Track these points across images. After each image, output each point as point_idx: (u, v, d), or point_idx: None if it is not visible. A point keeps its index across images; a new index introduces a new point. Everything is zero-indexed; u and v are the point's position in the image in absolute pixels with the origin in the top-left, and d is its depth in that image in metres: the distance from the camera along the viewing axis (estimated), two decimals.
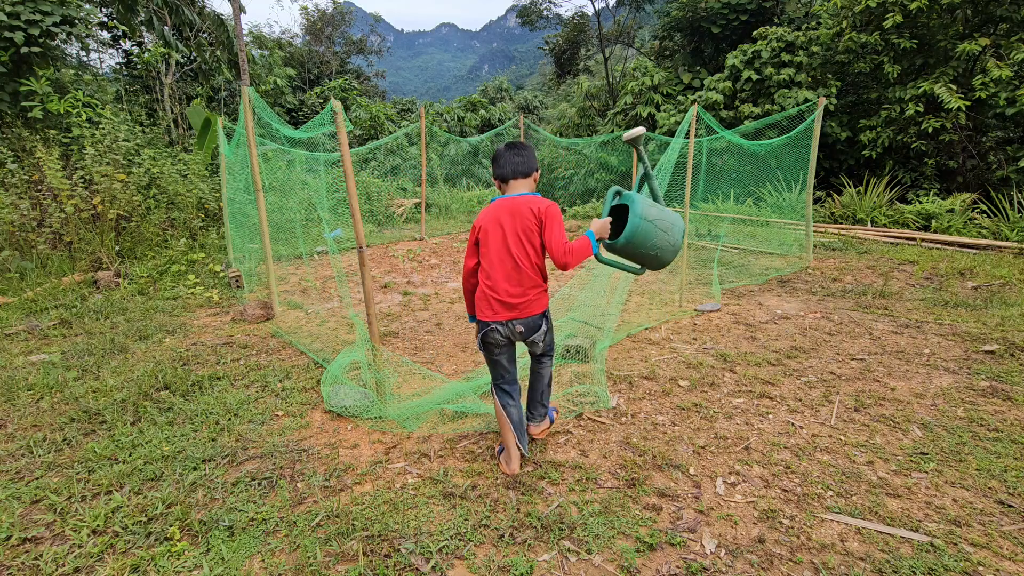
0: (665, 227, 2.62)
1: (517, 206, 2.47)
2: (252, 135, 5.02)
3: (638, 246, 2.61)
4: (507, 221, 2.47)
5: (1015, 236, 7.80)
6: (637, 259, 2.71)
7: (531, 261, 2.48)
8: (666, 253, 2.66)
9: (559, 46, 25.51)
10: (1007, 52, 9.86)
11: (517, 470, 2.65)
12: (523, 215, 2.45)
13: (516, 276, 2.48)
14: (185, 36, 15.89)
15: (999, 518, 2.29)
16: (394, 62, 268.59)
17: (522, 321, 2.53)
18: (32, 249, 6.84)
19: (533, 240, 2.47)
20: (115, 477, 2.59)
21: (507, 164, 2.56)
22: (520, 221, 2.46)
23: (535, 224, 2.45)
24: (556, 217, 2.44)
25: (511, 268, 2.48)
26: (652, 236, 2.59)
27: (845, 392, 3.50)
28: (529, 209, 2.45)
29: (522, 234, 2.45)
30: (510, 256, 2.47)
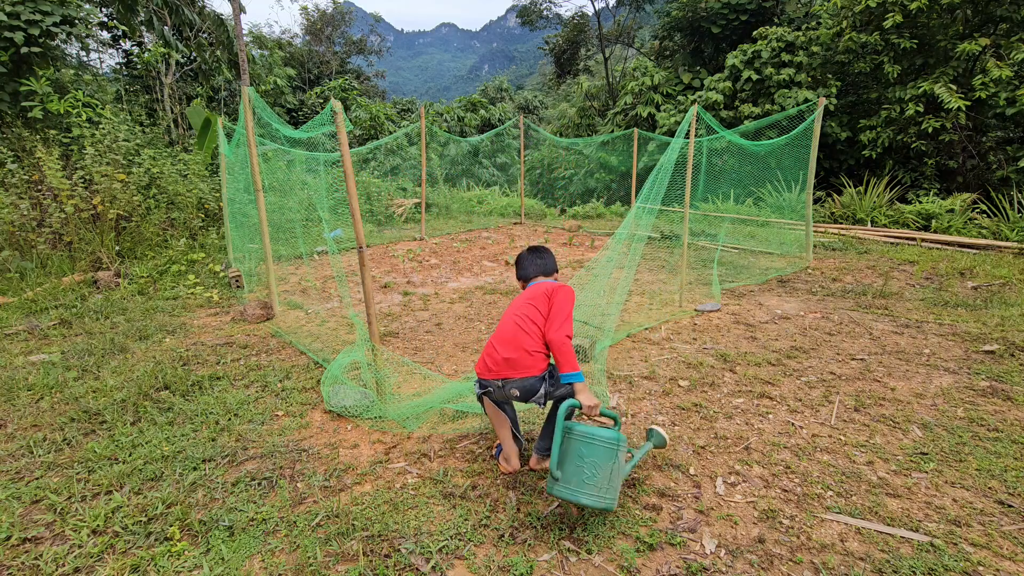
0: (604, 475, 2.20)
1: (534, 288, 2.70)
2: (252, 135, 5.02)
3: (582, 456, 2.22)
4: (520, 298, 2.68)
5: (1015, 236, 7.81)
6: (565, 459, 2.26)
7: (532, 324, 2.52)
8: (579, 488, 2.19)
9: (559, 46, 25.51)
10: (1007, 52, 9.87)
11: (519, 466, 2.63)
12: (537, 292, 2.65)
13: (514, 338, 2.50)
14: (185, 36, 15.89)
15: (999, 518, 2.29)
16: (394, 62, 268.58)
17: (516, 383, 2.46)
18: (32, 249, 6.84)
19: (540, 306, 2.58)
20: (115, 477, 2.59)
21: (530, 266, 2.84)
22: (531, 294, 2.65)
23: (545, 296, 2.60)
24: (568, 298, 2.58)
25: (511, 329, 2.53)
26: (601, 463, 2.21)
27: (845, 392, 3.50)
28: (544, 289, 2.65)
29: (530, 301, 2.60)
30: (512, 321, 2.56)
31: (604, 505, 2.17)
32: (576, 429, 2.27)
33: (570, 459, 2.23)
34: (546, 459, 2.65)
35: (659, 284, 6.53)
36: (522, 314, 2.56)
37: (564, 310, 2.52)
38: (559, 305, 2.54)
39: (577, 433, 2.25)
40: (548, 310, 2.56)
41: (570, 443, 2.26)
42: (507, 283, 6.65)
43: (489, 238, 10.13)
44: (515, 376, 2.47)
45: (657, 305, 5.60)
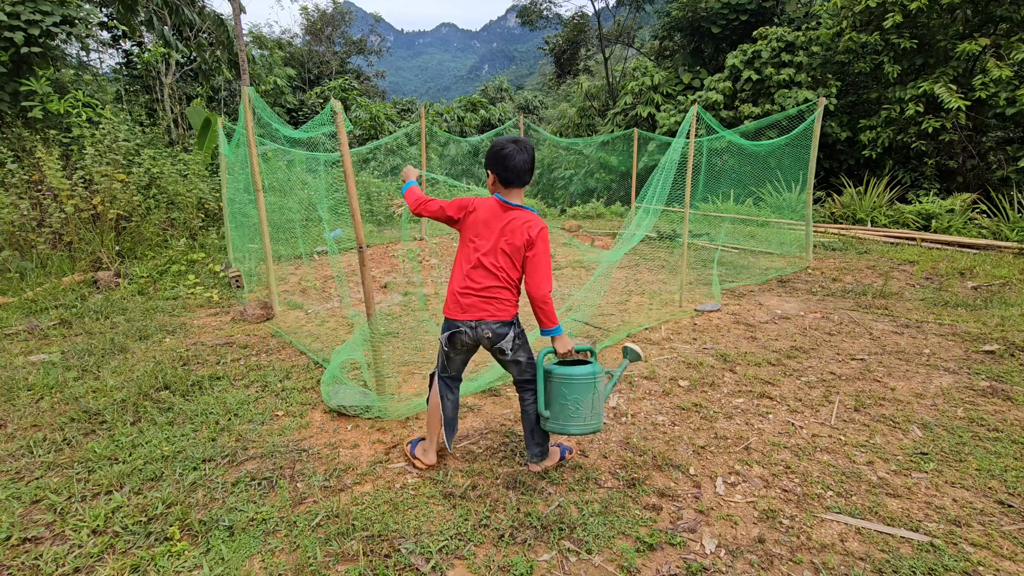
0: (585, 406, 2.44)
1: (513, 222, 2.41)
2: (252, 135, 5.02)
3: (565, 396, 2.43)
4: (496, 228, 2.42)
5: (1015, 236, 7.81)
6: (550, 398, 2.48)
7: (505, 268, 2.42)
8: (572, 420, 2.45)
9: (559, 46, 25.52)
10: (1007, 52, 9.87)
11: (434, 461, 2.66)
12: (516, 231, 2.39)
13: (490, 275, 2.42)
14: (185, 36, 15.89)
15: (999, 518, 2.29)
16: (394, 62, 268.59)
17: (490, 325, 2.43)
18: (32, 249, 6.84)
19: (516, 252, 2.40)
20: (115, 477, 2.59)
21: (518, 171, 2.42)
22: (510, 230, 2.40)
23: (525, 243, 2.39)
24: (548, 243, 2.41)
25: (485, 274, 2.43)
26: (582, 399, 2.43)
27: (845, 392, 3.50)
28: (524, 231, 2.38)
29: (510, 242, 2.40)
30: (490, 259, 2.42)
31: (591, 430, 2.48)
32: (555, 372, 2.44)
33: (555, 400, 2.45)
34: (541, 463, 2.66)
35: (659, 284, 6.53)
36: (500, 250, 2.39)
37: (547, 259, 2.38)
38: (542, 254, 2.37)
39: (557, 376, 2.44)
40: (528, 257, 2.37)
41: (552, 385, 2.45)
42: None
43: None
44: (489, 318, 2.42)
45: (657, 305, 5.60)
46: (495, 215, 2.43)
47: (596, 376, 2.43)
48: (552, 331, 2.41)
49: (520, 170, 2.42)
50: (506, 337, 2.46)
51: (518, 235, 2.38)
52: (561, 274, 7.16)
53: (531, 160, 2.45)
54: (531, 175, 2.48)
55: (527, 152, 2.43)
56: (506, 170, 2.41)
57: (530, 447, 2.65)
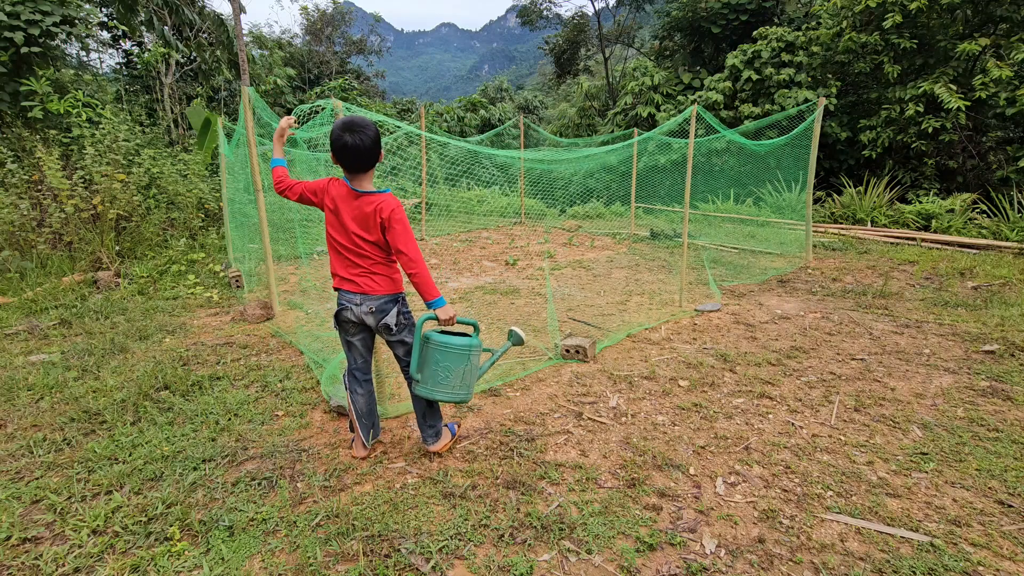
0: (456, 377, 2.52)
1: (362, 209, 2.37)
2: (252, 135, 5.02)
3: (438, 361, 2.50)
4: (346, 217, 2.41)
5: (1015, 236, 7.81)
6: (424, 364, 2.54)
7: (369, 252, 2.43)
8: (442, 386, 2.53)
9: (559, 46, 25.52)
10: (1007, 52, 9.87)
11: (363, 454, 2.77)
12: (367, 217, 2.38)
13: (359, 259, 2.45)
14: (185, 36, 15.88)
15: (999, 518, 2.29)
16: (394, 62, 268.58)
17: (374, 300, 2.47)
18: (32, 249, 6.84)
19: (373, 235, 2.41)
20: (115, 477, 2.59)
21: (349, 157, 2.32)
22: (359, 215, 2.39)
23: (378, 227, 2.38)
24: (405, 221, 2.37)
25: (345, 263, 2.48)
26: (453, 368, 2.50)
27: (845, 392, 3.50)
28: (376, 216, 2.36)
29: (362, 229, 2.41)
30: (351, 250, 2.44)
31: (458, 399, 2.57)
32: (433, 338, 2.51)
33: (428, 364, 2.51)
34: (436, 443, 2.75)
35: (659, 284, 6.53)
36: (358, 239, 2.39)
37: (407, 237, 2.35)
38: (400, 234, 2.35)
39: (434, 341, 2.50)
40: (389, 240, 2.38)
41: (427, 350, 2.52)
42: (507, 283, 6.65)
43: (489, 238, 10.13)
44: (372, 292, 2.47)
45: (657, 305, 5.60)
46: (346, 202, 2.40)
47: (471, 349, 2.52)
48: (436, 303, 2.44)
49: (348, 155, 2.30)
50: (389, 314, 2.53)
51: (371, 221, 2.37)
52: (561, 274, 7.16)
53: (359, 144, 2.28)
54: (366, 159, 2.33)
55: (357, 135, 2.28)
56: (338, 155, 2.34)
57: (424, 429, 2.75)
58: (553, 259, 8.19)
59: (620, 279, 6.82)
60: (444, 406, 3.17)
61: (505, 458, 2.77)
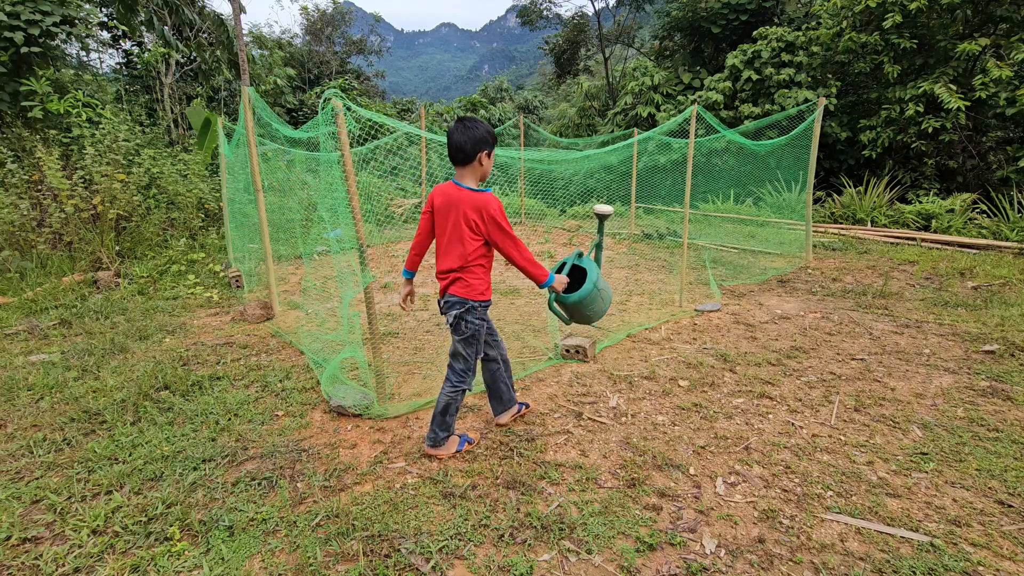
0: (606, 297, 2.99)
1: (459, 196, 2.53)
2: (252, 135, 5.02)
3: (584, 307, 2.91)
4: (449, 206, 2.57)
5: (1015, 236, 7.80)
6: (574, 315, 3.00)
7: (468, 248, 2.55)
8: (597, 316, 3.02)
9: (559, 46, 25.51)
10: (1007, 52, 9.87)
11: (439, 452, 2.82)
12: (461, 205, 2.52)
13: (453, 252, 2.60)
14: (185, 36, 15.88)
15: (999, 518, 2.29)
16: (394, 62, 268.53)
17: (442, 302, 2.69)
18: (32, 249, 6.84)
19: (476, 231, 2.54)
20: (115, 477, 2.59)
21: (449, 146, 2.54)
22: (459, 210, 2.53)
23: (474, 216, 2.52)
24: (502, 214, 2.52)
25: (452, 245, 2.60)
26: (596, 302, 2.93)
27: (845, 392, 3.50)
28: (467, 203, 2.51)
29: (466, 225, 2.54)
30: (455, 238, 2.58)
31: (609, 302, 3.03)
32: (571, 299, 2.88)
33: (580, 312, 2.94)
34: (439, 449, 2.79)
35: (659, 284, 6.52)
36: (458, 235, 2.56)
37: (501, 231, 2.51)
38: (500, 227, 2.51)
39: (573, 300, 2.87)
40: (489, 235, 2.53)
41: (573, 308, 2.93)
42: (507, 283, 6.64)
43: None
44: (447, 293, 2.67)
45: (657, 305, 5.60)
46: (446, 196, 2.57)
47: (595, 278, 2.89)
48: (546, 284, 2.69)
49: (451, 147, 2.52)
50: (452, 313, 2.66)
51: (463, 212, 2.51)
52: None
53: (459, 138, 2.49)
54: (463, 155, 2.51)
55: (460, 131, 2.50)
56: (448, 148, 2.53)
57: (430, 430, 2.79)
58: (553, 259, 8.19)
59: (620, 279, 6.81)
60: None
61: (505, 458, 2.77)
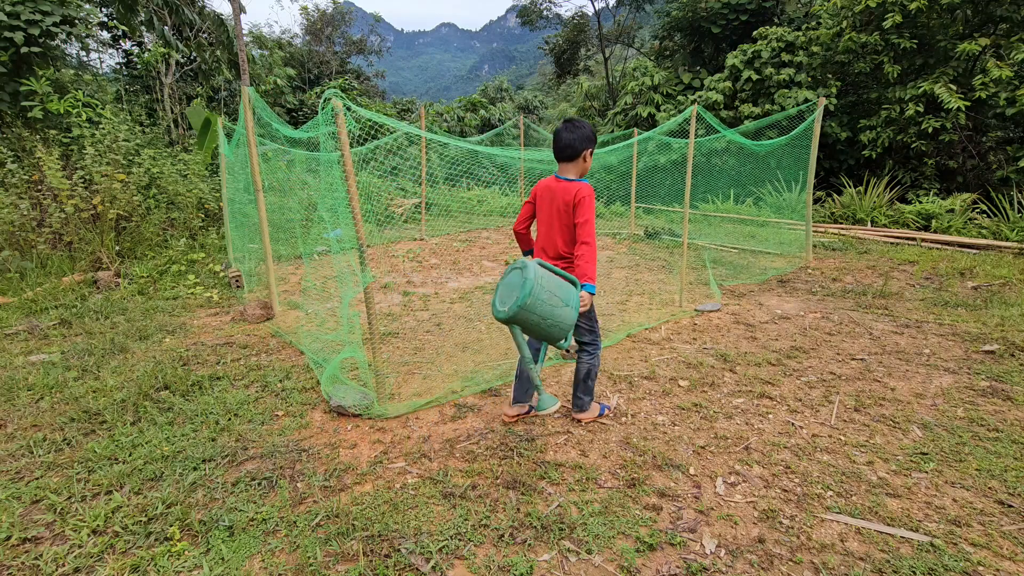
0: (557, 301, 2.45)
1: (558, 188, 2.85)
2: (252, 135, 5.02)
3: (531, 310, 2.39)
4: (550, 199, 2.88)
5: (1015, 236, 7.80)
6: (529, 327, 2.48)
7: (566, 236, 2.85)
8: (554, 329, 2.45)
9: (559, 46, 25.49)
10: (1007, 52, 9.86)
11: (506, 414, 3.11)
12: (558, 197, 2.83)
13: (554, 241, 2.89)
14: (185, 36, 15.87)
15: (999, 518, 2.29)
16: (394, 62, 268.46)
17: None
18: (32, 249, 6.83)
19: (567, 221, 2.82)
20: (115, 477, 2.59)
21: (554, 144, 2.85)
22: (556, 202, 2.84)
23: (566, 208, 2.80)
24: (589, 211, 2.75)
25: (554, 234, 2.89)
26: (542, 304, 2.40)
27: (845, 392, 3.50)
28: (563, 195, 2.80)
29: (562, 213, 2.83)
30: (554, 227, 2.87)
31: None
32: None
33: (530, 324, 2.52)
34: (583, 413, 3.11)
35: (659, 284, 6.52)
36: (554, 220, 2.86)
37: (591, 219, 2.73)
38: (586, 214, 2.73)
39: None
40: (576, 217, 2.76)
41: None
42: None
43: (489, 238, 10.13)
44: None
45: (657, 305, 5.60)
46: (548, 190, 2.90)
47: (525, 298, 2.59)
48: (588, 287, 2.68)
49: (557, 143, 2.84)
50: None
51: (561, 203, 2.81)
52: None
53: (567, 138, 2.80)
54: (572, 150, 2.81)
55: (564, 131, 2.83)
56: (553, 144, 2.87)
57: (574, 398, 3.12)
58: None
59: (620, 279, 6.81)
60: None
61: (505, 458, 2.77)
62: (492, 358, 4.17)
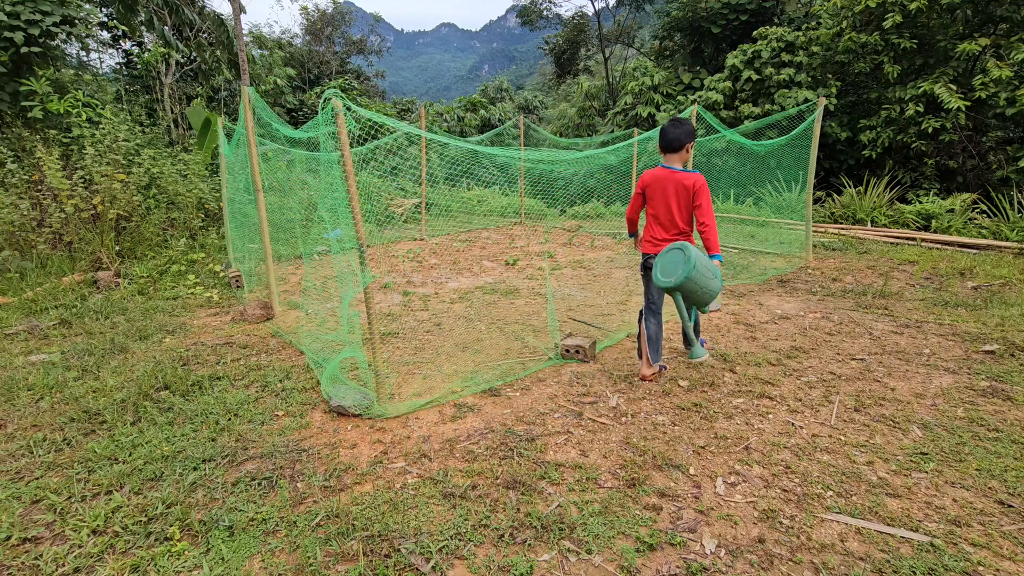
0: (705, 286, 3.18)
1: (670, 182, 3.43)
2: (252, 135, 5.02)
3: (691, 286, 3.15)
4: (662, 186, 3.46)
5: (1015, 236, 7.80)
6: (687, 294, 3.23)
7: (676, 223, 3.47)
8: (706, 295, 3.23)
9: (559, 46, 25.51)
10: (1007, 52, 9.87)
11: (647, 374, 3.65)
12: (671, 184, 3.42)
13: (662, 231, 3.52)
14: (185, 36, 15.88)
15: (999, 518, 2.29)
16: (394, 62, 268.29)
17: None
18: (32, 249, 6.84)
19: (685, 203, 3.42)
20: (115, 477, 2.59)
21: (662, 139, 3.48)
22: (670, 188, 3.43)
23: (686, 193, 3.39)
24: (706, 196, 3.34)
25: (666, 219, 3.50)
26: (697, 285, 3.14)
27: (845, 392, 3.50)
28: (679, 182, 3.41)
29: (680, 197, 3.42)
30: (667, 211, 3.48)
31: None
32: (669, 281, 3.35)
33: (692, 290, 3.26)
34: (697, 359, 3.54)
35: None
36: (668, 205, 3.47)
37: (706, 204, 3.33)
38: (706, 200, 3.35)
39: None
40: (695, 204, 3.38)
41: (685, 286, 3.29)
42: (507, 283, 6.65)
43: (489, 238, 10.13)
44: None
45: None
46: (660, 179, 3.47)
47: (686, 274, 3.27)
48: (717, 256, 3.35)
49: (664, 137, 3.46)
50: None
51: (677, 189, 3.40)
52: (562, 274, 7.16)
53: (674, 132, 3.42)
54: (678, 143, 3.42)
55: (671, 127, 3.45)
56: (660, 138, 3.49)
57: (687, 343, 3.79)
58: (553, 259, 8.19)
59: (620, 279, 6.81)
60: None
61: (505, 458, 2.77)
62: (492, 358, 4.17)
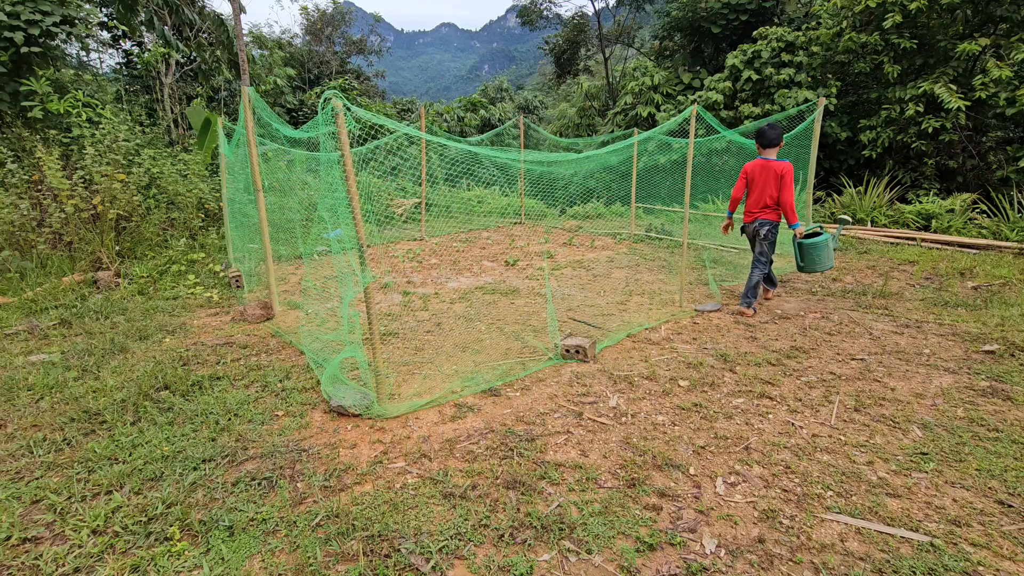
0: (828, 257, 5.13)
1: (768, 168, 5.04)
2: (252, 135, 5.02)
3: (814, 252, 5.14)
4: (762, 172, 5.08)
5: (1015, 236, 7.80)
6: (804, 257, 5.18)
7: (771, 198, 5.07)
8: (819, 267, 5.18)
9: (559, 46, 25.50)
10: (1007, 52, 9.86)
11: (766, 296, 5.67)
12: (769, 171, 5.03)
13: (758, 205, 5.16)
14: (185, 36, 15.88)
15: (999, 518, 2.29)
16: (394, 62, 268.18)
17: (757, 223, 5.17)
18: (32, 249, 6.84)
19: (773, 188, 5.04)
20: (115, 477, 2.59)
21: (762, 138, 5.12)
22: (768, 174, 5.04)
23: (776, 177, 4.99)
24: (789, 174, 4.94)
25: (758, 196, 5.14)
26: (822, 254, 5.12)
27: (845, 392, 3.50)
28: (773, 169, 5.01)
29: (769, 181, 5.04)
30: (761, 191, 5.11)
31: (828, 267, 5.20)
32: (805, 243, 5.15)
33: (807, 256, 5.17)
34: (747, 308, 5.14)
35: (659, 284, 6.52)
36: (763, 186, 5.07)
37: (789, 185, 4.91)
38: (785, 183, 4.93)
39: (806, 244, 5.15)
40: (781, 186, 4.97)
41: (804, 249, 5.16)
42: (507, 283, 6.65)
43: (489, 238, 10.14)
44: (766, 218, 5.14)
45: (657, 305, 5.60)
46: (760, 167, 5.08)
47: (827, 240, 5.10)
48: (794, 225, 5.06)
49: (763, 138, 5.09)
50: (764, 227, 5.14)
51: (772, 174, 4.99)
52: (561, 274, 7.16)
53: (772, 133, 5.06)
54: (778, 139, 5.08)
55: (769, 130, 5.09)
56: (758, 137, 5.14)
57: (744, 297, 5.20)
58: (553, 259, 8.19)
59: (620, 279, 6.81)
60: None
61: (505, 458, 2.77)
62: (492, 358, 4.17)
